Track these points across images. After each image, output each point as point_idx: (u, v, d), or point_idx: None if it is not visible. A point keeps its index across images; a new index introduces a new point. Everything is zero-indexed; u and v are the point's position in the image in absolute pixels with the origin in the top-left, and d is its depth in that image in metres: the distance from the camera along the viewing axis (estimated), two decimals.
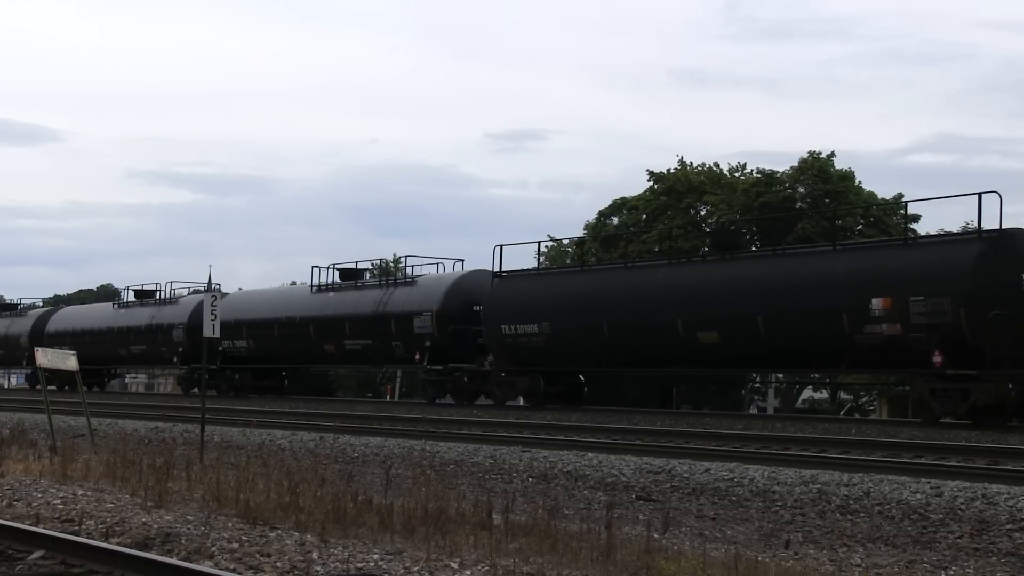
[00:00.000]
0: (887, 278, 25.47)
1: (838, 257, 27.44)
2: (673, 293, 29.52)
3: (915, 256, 25.93)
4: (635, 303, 30.14)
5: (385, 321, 37.11)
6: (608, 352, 31.35)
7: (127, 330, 51.28)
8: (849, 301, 25.78)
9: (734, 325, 27.90)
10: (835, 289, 26.18)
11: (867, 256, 27.30)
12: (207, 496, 13.00)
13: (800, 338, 26.88)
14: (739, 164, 59.14)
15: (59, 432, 22.06)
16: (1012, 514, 12.93)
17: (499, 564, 9.25)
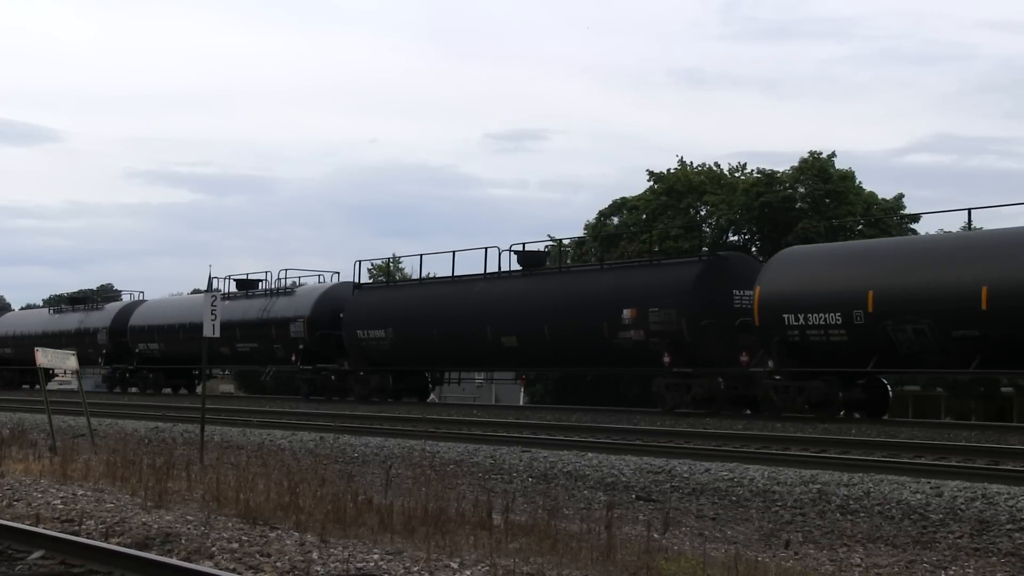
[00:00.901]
0: (635, 293, 30.52)
1: (604, 275, 32.78)
2: (484, 305, 34.57)
3: (655, 275, 31.05)
4: (457, 313, 35.16)
5: (268, 326, 42.34)
6: (439, 354, 36.50)
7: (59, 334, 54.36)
8: (608, 312, 30.80)
9: (528, 331, 33.03)
10: (599, 302, 31.14)
11: (623, 274, 32.33)
12: (207, 496, 13.00)
13: (574, 342, 31.96)
14: (739, 164, 59.18)
15: (59, 432, 22.07)
16: (1012, 514, 12.94)
17: (499, 564, 9.26)
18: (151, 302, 53.41)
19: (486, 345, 34.22)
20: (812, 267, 28.05)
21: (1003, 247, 24.77)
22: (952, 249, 26.20)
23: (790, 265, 28.41)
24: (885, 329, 25.69)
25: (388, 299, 38.81)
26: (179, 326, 47.27)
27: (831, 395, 26.88)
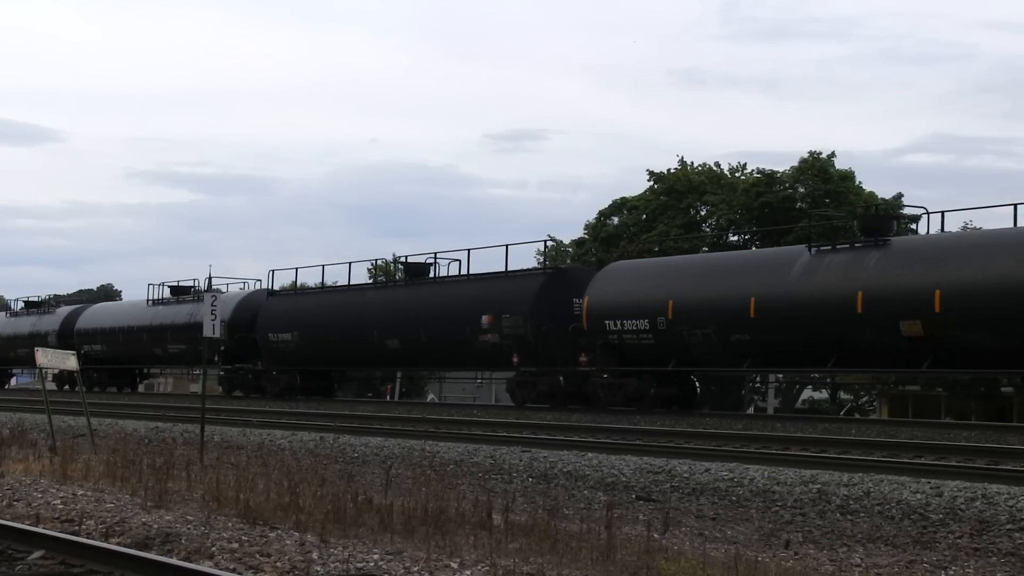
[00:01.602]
0: (492, 301, 34.07)
1: (469, 285, 36.03)
2: (373, 311, 38.40)
3: (508, 285, 34.51)
4: (351, 318, 38.87)
5: (194, 329, 43.04)
6: (337, 355, 40.25)
7: (14, 337, 57.82)
8: (471, 318, 34.28)
9: (408, 335, 36.72)
10: (464, 309, 34.72)
11: (483, 285, 35.50)
12: (207, 496, 13.00)
13: (445, 344, 35.56)
14: (739, 164, 59.14)
15: (59, 432, 22.07)
16: (1012, 514, 12.94)
17: (499, 564, 9.25)
18: (96, 307, 58.00)
19: (374, 347, 38.04)
20: (628, 280, 31.82)
21: (766, 265, 29.29)
22: (731, 266, 30.51)
23: (611, 278, 32.29)
24: (681, 334, 29.67)
25: (296, 305, 42.78)
26: (119, 329, 51.07)
27: (644, 390, 30.86)
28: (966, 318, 24.32)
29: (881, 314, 25.56)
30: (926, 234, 27.59)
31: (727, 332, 28.51)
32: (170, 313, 48.22)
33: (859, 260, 26.74)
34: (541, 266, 37.79)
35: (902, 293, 25.35)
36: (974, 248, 25.46)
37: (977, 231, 33.25)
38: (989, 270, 24.26)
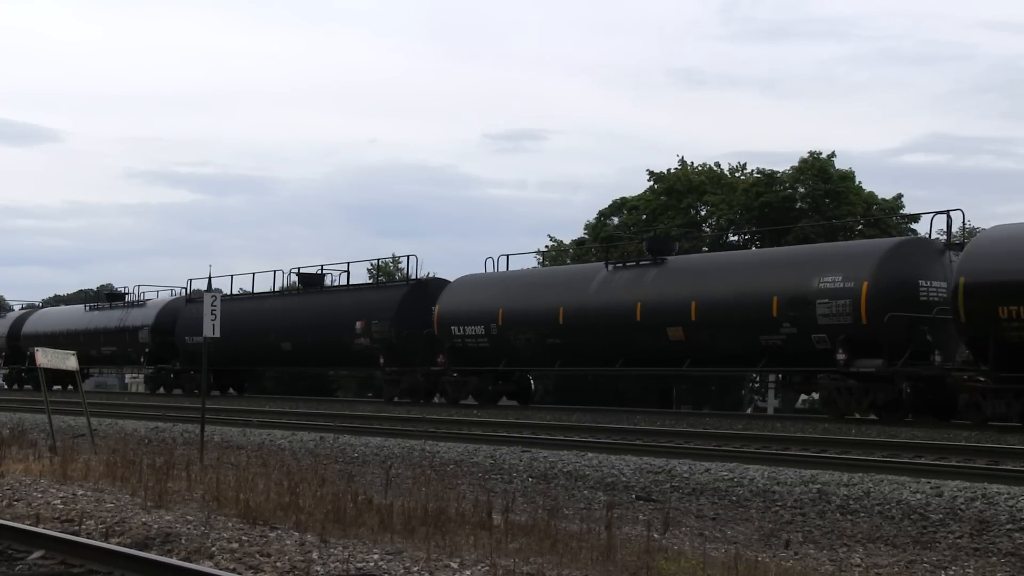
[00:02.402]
0: (364, 309, 39.10)
1: (348, 294, 41.52)
2: (272, 316, 43.76)
3: (378, 295, 40.08)
4: (255, 324, 43.84)
5: (123, 333, 50.95)
6: (243, 356, 45.12)
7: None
8: (347, 323, 39.22)
9: (299, 338, 41.74)
10: (343, 315, 39.59)
11: (360, 294, 41.00)
12: (207, 496, 13.00)
13: (328, 347, 40.59)
14: (739, 164, 59.14)
15: (59, 432, 22.07)
16: (1012, 514, 12.93)
17: (499, 564, 9.25)
18: (41, 312, 63.16)
19: (273, 349, 43.36)
20: (470, 292, 36.52)
21: (573, 279, 34.26)
22: (546, 280, 36.02)
23: (457, 290, 37.24)
24: (509, 338, 34.56)
25: None
26: (59, 333, 54.68)
27: (483, 387, 35.95)
28: (713, 326, 29.25)
29: (654, 322, 30.53)
30: (691, 254, 34.06)
31: (543, 336, 33.76)
32: (103, 318, 53.19)
33: (640, 276, 31.77)
34: (404, 279, 42.63)
35: (669, 305, 30.29)
36: (721, 267, 30.87)
37: (728, 253, 37.71)
38: (728, 286, 29.28)
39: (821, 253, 29.33)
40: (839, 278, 26.79)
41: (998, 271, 23.83)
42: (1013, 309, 23.24)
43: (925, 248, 27.82)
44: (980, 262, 24.35)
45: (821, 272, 27.49)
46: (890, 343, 25.83)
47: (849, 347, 26.49)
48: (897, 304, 26.05)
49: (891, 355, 25.87)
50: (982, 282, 23.92)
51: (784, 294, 27.86)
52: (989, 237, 25.64)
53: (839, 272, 26.88)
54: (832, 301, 26.91)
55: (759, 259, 31.86)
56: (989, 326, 23.59)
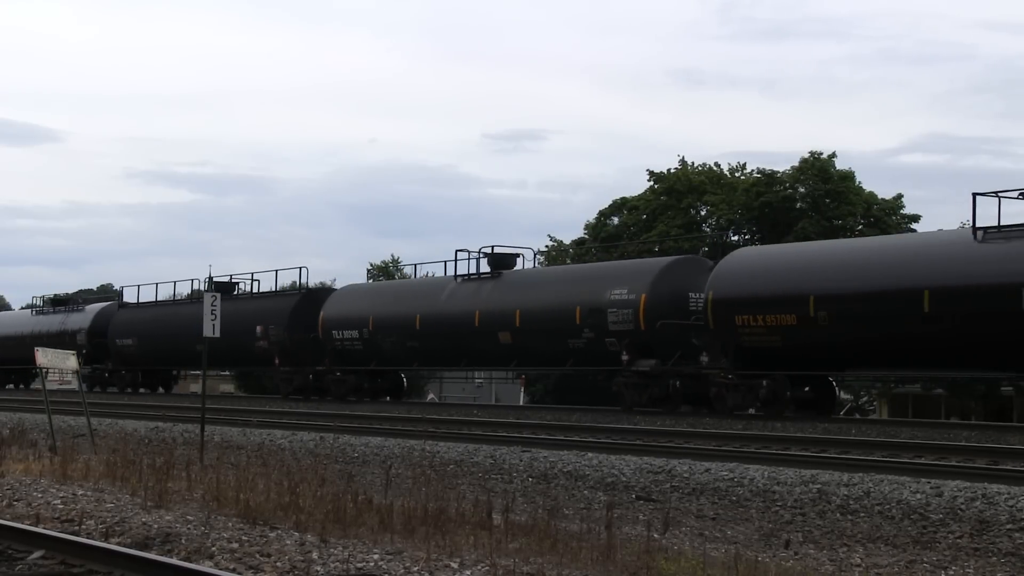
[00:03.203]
0: (264, 315, 43.28)
1: (253, 301, 45.22)
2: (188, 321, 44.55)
3: (276, 301, 44.10)
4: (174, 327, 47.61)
5: (63, 335, 54.14)
6: (165, 356, 49.51)
7: None
8: (251, 327, 42.87)
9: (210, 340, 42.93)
10: (248, 320, 42.99)
11: (262, 301, 44.87)
12: (207, 496, 13.00)
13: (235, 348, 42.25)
14: (739, 164, 59.11)
15: (59, 432, 22.07)
16: (1012, 514, 12.94)
17: (499, 564, 9.26)
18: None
19: (189, 351, 45.83)
20: (348, 300, 41.46)
21: (429, 290, 38.65)
22: (407, 290, 40.89)
23: (338, 298, 42.19)
24: (377, 341, 38.97)
25: (136, 316, 52.04)
26: (7, 336, 58.73)
27: (359, 384, 40.32)
28: (533, 331, 33.80)
29: (488, 328, 34.97)
30: (523, 269, 37.81)
31: (404, 339, 38.08)
32: (46, 322, 56.93)
33: (480, 288, 36.34)
34: (296, 288, 47.09)
35: (500, 313, 34.76)
36: (541, 281, 36.10)
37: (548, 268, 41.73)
38: (545, 297, 33.96)
39: (613, 269, 34.35)
40: (625, 291, 31.35)
41: (736, 287, 28.99)
42: (746, 318, 28.42)
43: (696, 265, 32.17)
44: (724, 280, 29.43)
45: (612, 286, 32.04)
46: (662, 346, 30.67)
47: (632, 349, 31.10)
48: (669, 313, 30.64)
49: (664, 356, 30.67)
50: (724, 296, 28.96)
51: (584, 305, 32.41)
52: (731, 259, 30.66)
53: (625, 286, 31.44)
54: (619, 311, 31.50)
55: (569, 274, 36.85)
56: (730, 332, 28.66)
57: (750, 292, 28.62)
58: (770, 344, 28.13)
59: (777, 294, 28.12)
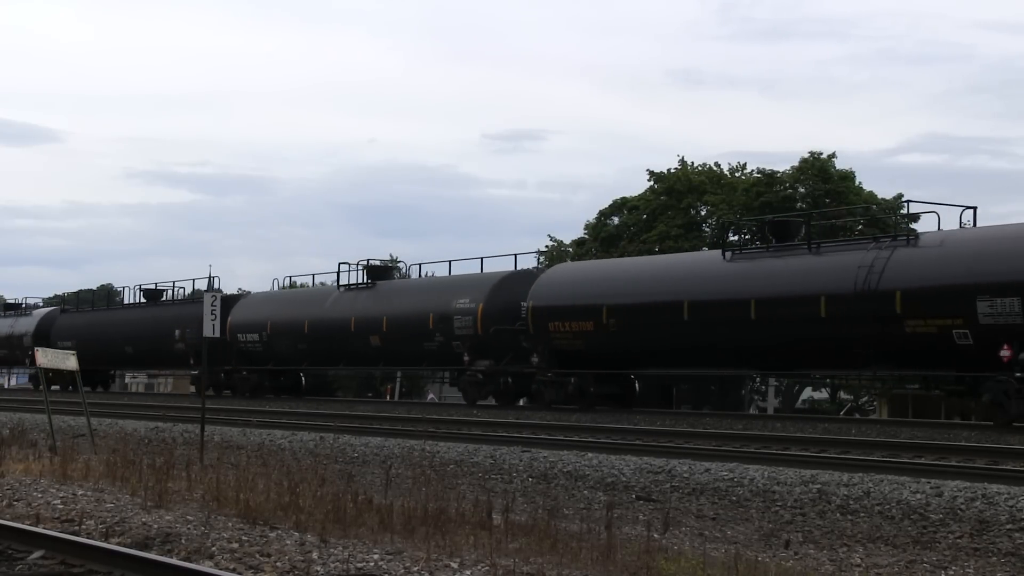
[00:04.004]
0: (182, 320, 47.14)
1: (171, 307, 50.43)
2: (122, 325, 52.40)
3: (192, 308, 45.19)
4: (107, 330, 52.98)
5: (12, 338, 59.09)
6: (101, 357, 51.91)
7: None
8: (171, 331, 47.90)
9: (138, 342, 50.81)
10: (168, 325, 48.31)
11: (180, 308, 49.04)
12: (207, 496, 12.99)
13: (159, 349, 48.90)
14: (739, 164, 59.06)
15: (59, 432, 22.07)
16: (1012, 514, 12.93)
17: (499, 564, 9.26)
18: None
19: (121, 352, 52.02)
20: (251, 306, 46.04)
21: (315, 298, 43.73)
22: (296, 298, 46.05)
23: (244, 304, 46.51)
24: (274, 343, 43.87)
25: (75, 321, 56.67)
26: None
27: (260, 383, 44.86)
28: (396, 335, 38.16)
29: (362, 332, 39.69)
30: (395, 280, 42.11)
31: (295, 342, 42.59)
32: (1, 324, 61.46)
33: (357, 297, 40.95)
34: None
35: (371, 319, 39.35)
36: (405, 290, 40.12)
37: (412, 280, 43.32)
38: (407, 305, 38.33)
39: (459, 281, 38.10)
40: (467, 301, 35.86)
41: (550, 298, 33.70)
42: (557, 324, 33.24)
43: (527, 278, 35.83)
44: (540, 291, 34.11)
45: (457, 296, 36.50)
46: (497, 348, 35.12)
47: (472, 351, 35.60)
48: (502, 320, 34.91)
49: (498, 357, 35.18)
50: (540, 306, 33.70)
51: (436, 313, 36.80)
52: (547, 274, 35.57)
53: (467, 296, 35.98)
54: (463, 318, 35.97)
55: (426, 285, 40.47)
56: (545, 336, 33.41)
57: (560, 302, 33.46)
58: (575, 347, 32.89)
59: (579, 304, 32.80)
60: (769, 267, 29.18)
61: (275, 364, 44.26)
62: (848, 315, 26.47)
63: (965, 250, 25.47)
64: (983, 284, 24.33)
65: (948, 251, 25.78)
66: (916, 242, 26.74)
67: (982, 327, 24.23)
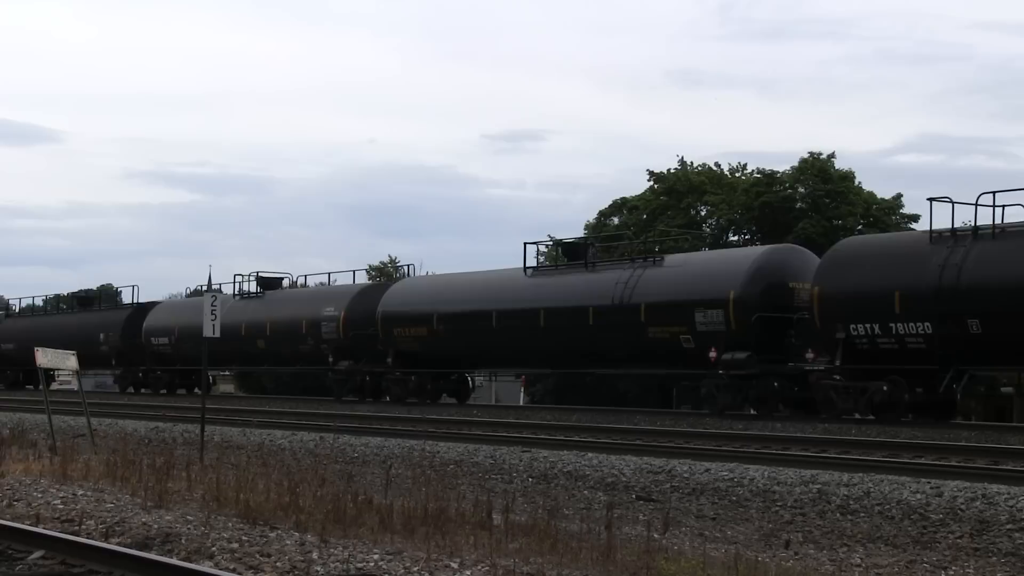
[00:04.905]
0: (106, 325, 52.87)
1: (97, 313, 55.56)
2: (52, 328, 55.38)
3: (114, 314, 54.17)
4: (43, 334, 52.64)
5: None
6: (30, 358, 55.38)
7: None
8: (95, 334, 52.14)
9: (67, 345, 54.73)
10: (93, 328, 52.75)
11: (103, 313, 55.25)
12: (207, 496, 12.99)
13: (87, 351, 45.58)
14: (739, 164, 59.05)
15: (59, 432, 22.07)
16: (1012, 514, 12.93)
17: (499, 564, 9.25)
18: None
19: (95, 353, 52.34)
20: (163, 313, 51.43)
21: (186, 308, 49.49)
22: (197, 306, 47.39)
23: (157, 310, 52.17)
24: (180, 345, 47.99)
25: (17, 324, 60.90)
26: None
27: (171, 381, 50.28)
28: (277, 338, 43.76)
29: (251, 336, 44.56)
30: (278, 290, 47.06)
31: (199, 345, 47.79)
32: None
33: (248, 305, 46.12)
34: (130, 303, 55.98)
35: (258, 324, 44.46)
36: (285, 300, 45.51)
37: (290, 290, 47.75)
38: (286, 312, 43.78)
39: (327, 292, 44.80)
40: (332, 309, 41.21)
41: (395, 306, 38.92)
42: (401, 329, 38.27)
43: (383, 289, 41.50)
44: (388, 300, 39.32)
45: (325, 305, 42.10)
46: (356, 350, 40.11)
47: (336, 353, 40.67)
48: (361, 326, 39.77)
49: (357, 358, 40.03)
50: (388, 313, 38.92)
51: (308, 319, 42.08)
52: (396, 286, 41.23)
53: (332, 305, 41.41)
54: (329, 323, 41.15)
55: (303, 295, 45.73)
56: (392, 340, 38.64)
57: (402, 311, 38.60)
58: (414, 349, 38.03)
59: (416, 312, 37.97)
60: (556, 283, 35.11)
61: (183, 364, 49.09)
62: (608, 323, 31.97)
63: (690, 272, 31.56)
64: (699, 300, 30.03)
65: (680, 272, 31.73)
66: (661, 263, 32.41)
67: (700, 334, 29.85)
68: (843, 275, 27.34)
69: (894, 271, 26.29)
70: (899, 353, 25.94)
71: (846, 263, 27.70)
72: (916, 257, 26.14)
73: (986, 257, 24.99)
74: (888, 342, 26.11)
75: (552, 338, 33.56)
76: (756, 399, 29.47)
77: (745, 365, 28.81)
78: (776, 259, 30.24)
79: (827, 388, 27.12)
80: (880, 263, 26.91)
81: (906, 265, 26.18)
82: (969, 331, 24.57)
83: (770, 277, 29.49)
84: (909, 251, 26.83)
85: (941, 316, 25.01)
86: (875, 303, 26.23)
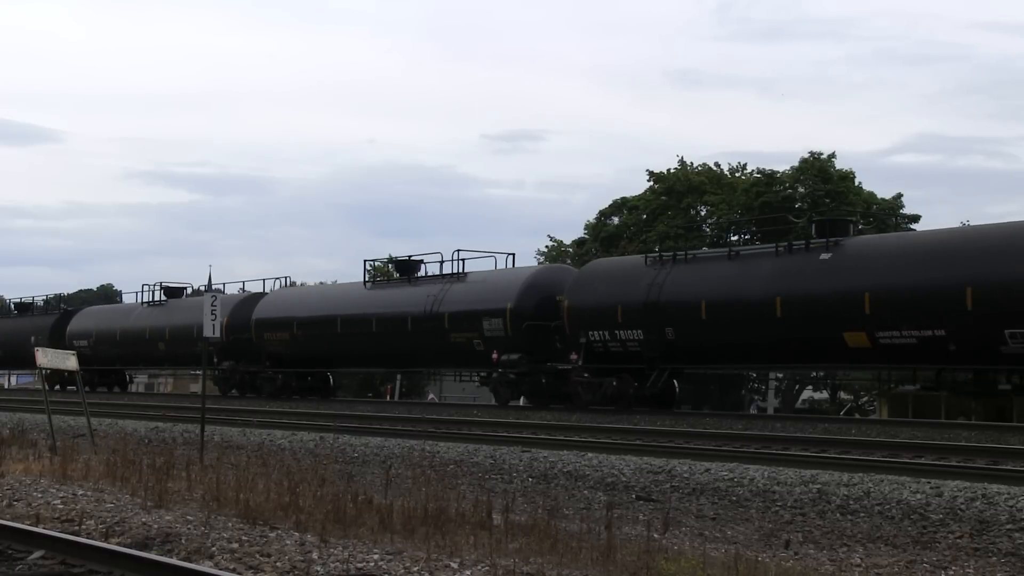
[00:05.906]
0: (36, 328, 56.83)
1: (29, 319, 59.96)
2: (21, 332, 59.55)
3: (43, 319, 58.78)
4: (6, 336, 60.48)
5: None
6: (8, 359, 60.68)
7: None
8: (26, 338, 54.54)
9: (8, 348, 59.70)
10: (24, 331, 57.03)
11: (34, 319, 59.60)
12: (207, 496, 12.99)
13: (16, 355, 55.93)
14: (739, 164, 59.10)
15: (59, 432, 22.07)
16: (1012, 514, 12.93)
17: (499, 564, 9.26)
18: None
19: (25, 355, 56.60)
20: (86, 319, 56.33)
21: (125, 313, 54.48)
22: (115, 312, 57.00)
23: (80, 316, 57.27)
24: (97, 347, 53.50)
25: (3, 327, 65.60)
26: None
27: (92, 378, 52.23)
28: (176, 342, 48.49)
29: (153, 339, 50.18)
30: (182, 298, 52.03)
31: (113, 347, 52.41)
32: None
33: (152, 312, 51.70)
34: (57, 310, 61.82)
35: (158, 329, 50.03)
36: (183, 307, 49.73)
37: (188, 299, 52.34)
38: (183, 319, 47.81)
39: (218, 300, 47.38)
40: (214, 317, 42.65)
41: (266, 312, 44.30)
42: (270, 334, 43.65)
43: (258, 298, 46.15)
44: (261, 308, 44.79)
45: None
46: (236, 352, 45.10)
47: (220, 354, 44.99)
48: (241, 330, 44.52)
49: (237, 359, 45.53)
50: (260, 319, 44.36)
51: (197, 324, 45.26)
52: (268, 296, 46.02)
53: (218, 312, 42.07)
54: None
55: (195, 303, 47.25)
56: (263, 342, 43.96)
57: (271, 317, 44.08)
58: (280, 351, 43.54)
59: (281, 319, 43.56)
60: (386, 295, 40.25)
61: (99, 364, 54.06)
62: (422, 329, 37.25)
63: (482, 287, 36.33)
64: (485, 310, 35.26)
65: (476, 287, 36.57)
66: (464, 279, 37.38)
67: (487, 338, 35.10)
68: (584, 291, 33.05)
69: (617, 288, 32.10)
70: (623, 355, 31.86)
71: (587, 281, 33.52)
72: (633, 277, 32.07)
73: (677, 279, 30.99)
74: (616, 345, 32.03)
75: (382, 342, 38.98)
76: (529, 393, 35.62)
77: (518, 365, 34.50)
78: (546, 277, 35.96)
79: (576, 383, 32.77)
80: (610, 281, 32.76)
81: (626, 283, 32.07)
82: (667, 337, 30.72)
83: (542, 292, 34.71)
84: (630, 272, 32.71)
85: (648, 325, 30.95)
86: (605, 314, 32.02)
